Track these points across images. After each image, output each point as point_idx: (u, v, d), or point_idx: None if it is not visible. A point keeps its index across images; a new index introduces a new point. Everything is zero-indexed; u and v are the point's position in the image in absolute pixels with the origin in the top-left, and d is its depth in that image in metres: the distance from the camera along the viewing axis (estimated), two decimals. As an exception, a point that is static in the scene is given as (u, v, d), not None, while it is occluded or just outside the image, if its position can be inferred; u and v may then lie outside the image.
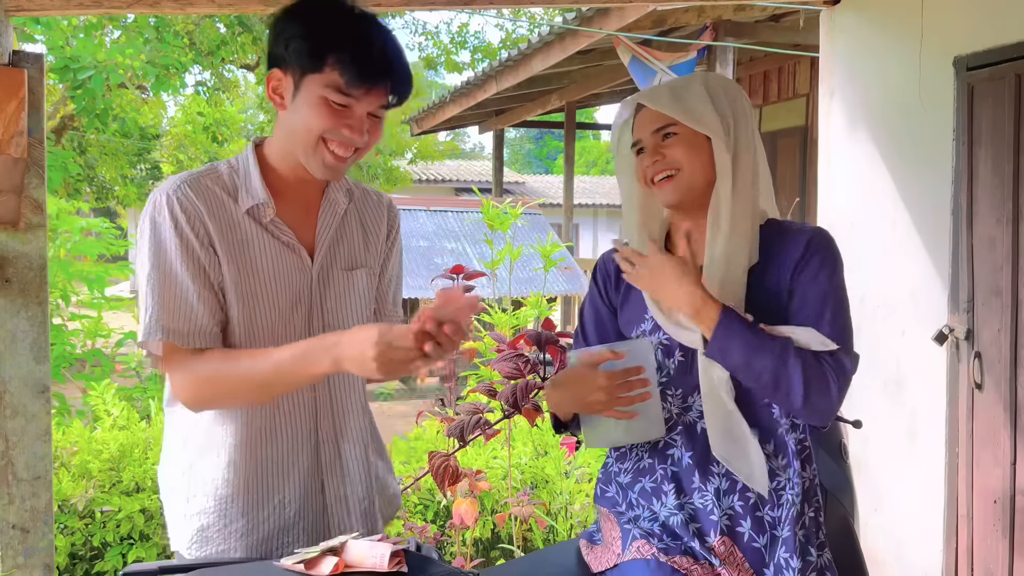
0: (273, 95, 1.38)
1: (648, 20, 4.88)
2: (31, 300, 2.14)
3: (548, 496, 3.45)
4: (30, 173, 2.12)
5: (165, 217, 1.35)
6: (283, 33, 1.35)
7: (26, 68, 2.10)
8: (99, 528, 3.11)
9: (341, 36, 1.31)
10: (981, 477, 2.64)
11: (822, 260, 1.41)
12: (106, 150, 10.94)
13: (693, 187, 1.42)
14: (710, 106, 1.41)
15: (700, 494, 1.39)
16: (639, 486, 1.44)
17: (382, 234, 1.55)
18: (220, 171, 1.42)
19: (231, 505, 1.41)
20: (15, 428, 2.14)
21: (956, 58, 2.68)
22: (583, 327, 1.59)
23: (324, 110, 1.33)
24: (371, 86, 1.32)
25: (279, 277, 1.40)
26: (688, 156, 1.41)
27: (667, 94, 1.42)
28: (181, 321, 1.33)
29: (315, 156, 1.36)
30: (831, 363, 1.35)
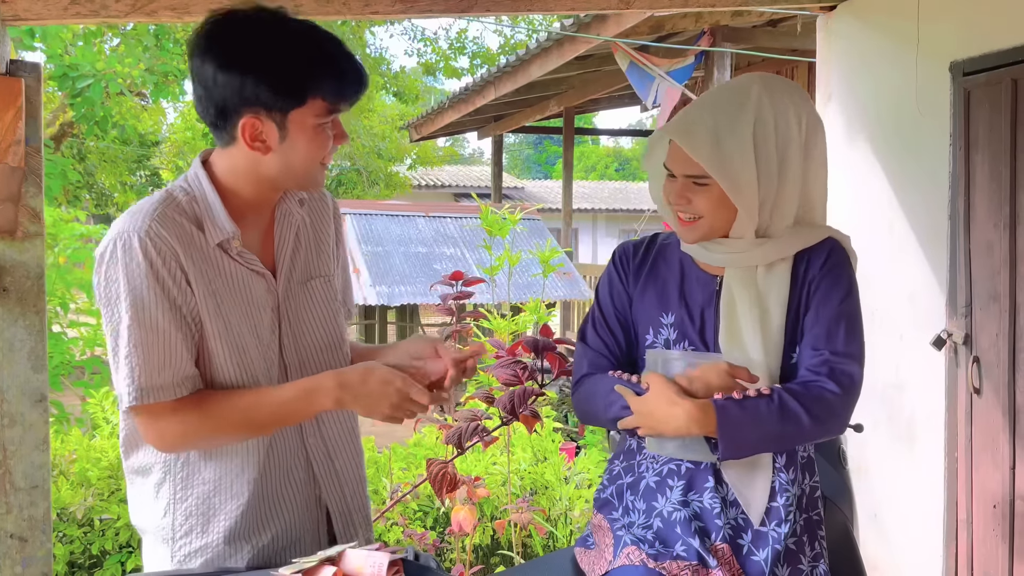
0: (254, 144, 1.29)
1: (646, 26, 4.89)
2: (29, 309, 2.14)
3: (547, 502, 3.45)
4: (27, 182, 2.12)
5: (139, 262, 1.26)
6: (246, 80, 1.24)
7: (23, 77, 2.10)
8: (98, 536, 3.10)
9: (312, 63, 1.26)
10: (980, 482, 2.63)
11: (840, 272, 1.40)
12: (105, 157, 10.96)
13: (716, 232, 1.40)
14: (751, 157, 1.33)
15: (712, 495, 1.38)
16: (643, 483, 1.43)
17: (331, 238, 1.53)
18: (178, 199, 1.33)
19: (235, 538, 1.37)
20: (13, 437, 2.14)
21: (952, 63, 2.69)
22: (602, 313, 1.52)
23: (321, 137, 1.31)
24: (352, 93, 1.32)
25: (252, 303, 1.37)
26: (715, 208, 1.37)
27: (708, 138, 1.34)
28: (168, 375, 1.28)
29: (311, 179, 1.36)
30: (830, 379, 1.33)
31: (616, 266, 1.53)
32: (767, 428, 1.30)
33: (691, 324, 1.44)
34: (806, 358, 1.38)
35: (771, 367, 1.38)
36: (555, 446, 3.82)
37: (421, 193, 17.95)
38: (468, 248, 7.71)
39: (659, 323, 1.46)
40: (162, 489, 1.38)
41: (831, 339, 1.36)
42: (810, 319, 1.38)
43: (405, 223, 7.94)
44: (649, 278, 1.49)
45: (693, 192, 1.38)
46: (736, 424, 1.29)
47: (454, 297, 2.75)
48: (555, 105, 8.22)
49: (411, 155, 16.22)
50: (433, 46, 15.86)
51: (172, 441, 1.33)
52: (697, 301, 1.45)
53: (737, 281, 1.41)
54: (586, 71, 6.96)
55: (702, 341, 1.43)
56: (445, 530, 3.23)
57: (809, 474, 1.45)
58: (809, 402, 1.31)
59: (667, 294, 1.47)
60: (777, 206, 1.38)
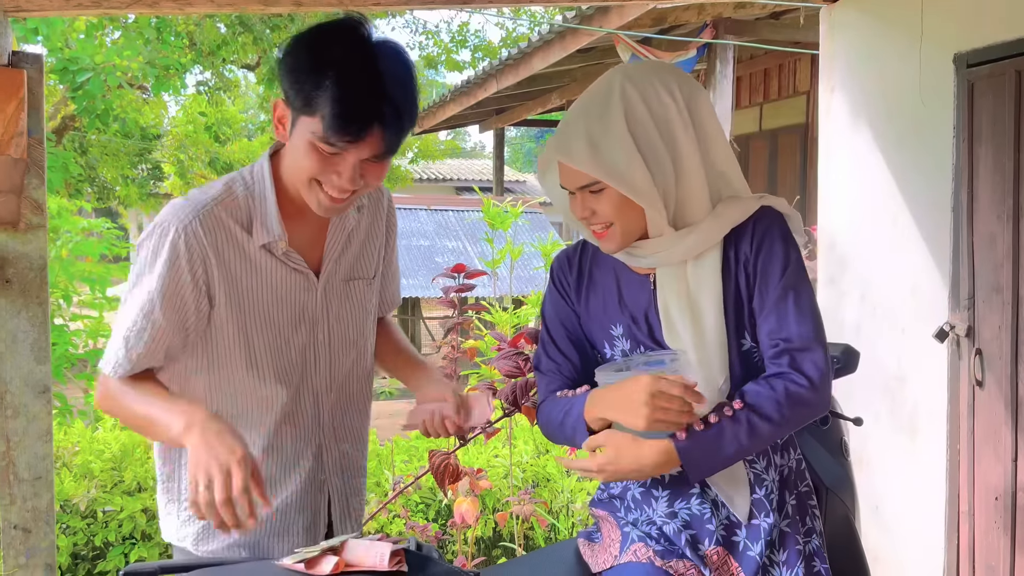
0: (277, 124, 1.35)
1: (648, 18, 4.87)
2: (31, 300, 2.14)
3: (549, 495, 3.45)
4: (30, 174, 2.12)
5: (167, 250, 1.33)
6: (282, 65, 1.30)
7: (25, 68, 2.10)
8: (101, 528, 3.11)
9: (326, 81, 1.24)
10: (982, 474, 2.63)
11: (771, 245, 1.31)
12: (107, 150, 10.95)
13: (632, 234, 1.33)
14: (632, 149, 1.27)
15: (700, 501, 1.35)
16: (629, 494, 1.41)
17: (382, 234, 1.56)
18: (236, 194, 1.38)
19: None
20: (16, 428, 2.14)
21: (956, 55, 2.68)
22: (551, 336, 1.46)
23: (313, 155, 1.29)
24: (355, 138, 1.26)
25: (284, 300, 1.41)
26: (620, 210, 1.30)
27: (584, 146, 1.28)
28: (137, 361, 1.36)
29: (310, 195, 1.34)
30: (794, 371, 1.28)
31: (556, 284, 1.47)
32: (735, 448, 1.26)
33: (639, 330, 1.38)
34: (764, 348, 1.32)
35: (718, 362, 1.32)
36: (557, 439, 3.82)
37: (422, 187, 17.94)
38: (470, 241, 7.71)
39: (610, 335, 1.41)
40: (169, 453, 1.46)
41: (782, 324, 1.29)
42: (756, 304, 1.32)
43: (407, 216, 7.94)
44: (589, 290, 1.44)
45: (593, 202, 1.31)
46: (701, 456, 1.26)
47: (456, 290, 2.75)
48: (557, 98, 8.20)
49: (412, 149, 16.20)
50: (435, 39, 15.82)
51: (104, 403, 1.40)
52: (639, 305, 1.38)
53: (667, 280, 1.35)
54: (588, 64, 6.94)
55: (655, 344, 1.37)
56: (447, 522, 3.24)
57: (789, 451, 1.41)
58: (778, 405, 1.26)
59: (608, 304, 1.41)
60: (684, 192, 1.31)
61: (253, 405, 1.43)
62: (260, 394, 1.42)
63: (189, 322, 1.36)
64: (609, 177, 1.27)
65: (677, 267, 1.34)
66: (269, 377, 1.42)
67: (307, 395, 1.46)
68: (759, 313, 1.32)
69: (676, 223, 1.32)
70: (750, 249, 1.31)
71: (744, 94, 7.37)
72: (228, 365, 1.40)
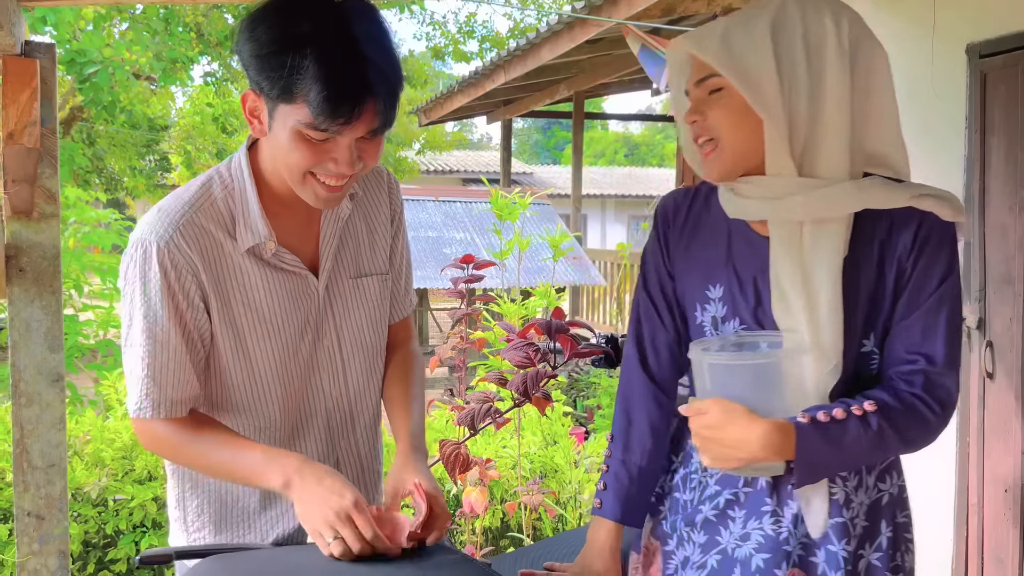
0: (251, 118, 1.20)
1: (657, 9, 4.86)
2: (45, 289, 2.15)
3: (557, 485, 3.46)
4: (43, 163, 2.13)
5: (155, 272, 1.22)
6: (243, 52, 1.16)
7: (38, 58, 2.11)
8: (112, 516, 3.14)
9: (306, 65, 1.09)
10: (992, 466, 2.63)
11: (936, 250, 1.14)
12: (115, 141, 10.99)
13: (741, 159, 1.15)
14: (768, 52, 1.09)
15: (775, 519, 1.18)
16: (700, 516, 1.24)
17: (387, 220, 1.42)
18: (214, 196, 1.26)
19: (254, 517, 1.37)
20: (30, 416, 2.15)
21: (969, 45, 2.66)
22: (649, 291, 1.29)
23: (302, 145, 1.15)
24: (348, 118, 1.12)
25: (283, 308, 1.30)
26: (733, 122, 1.13)
27: (719, 39, 1.11)
28: (173, 392, 1.25)
29: (305, 190, 1.20)
30: (931, 400, 1.12)
31: (658, 231, 1.29)
32: (856, 452, 1.10)
33: (742, 297, 1.19)
34: (895, 360, 1.15)
35: (831, 349, 1.12)
36: (565, 430, 3.83)
37: (429, 178, 17.94)
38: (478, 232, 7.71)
39: (705, 296, 1.23)
40: (177, 476, 1.38)
41: (927, 340, 1.13)
42: (901, 309, 1.14)
43: (415, 207, 7.94)
44: (692, 238, 1.25)
45: (707, 104, 1.14)
46: (818, 449, 1.08)
47: (465, 281, 2.75)
48: (565, 89, 8.18)
49: (419, 140, 16.19)
50: (442, 30, 15.79)
51: (144, 442, 1.32)
52: (748, 268, 1.19)
53: (780, 240, 1.14)
54: (596, 55, 6.92)
55: (755, 319, 1.19)
56: (456, 512, 3.25)
57: (892, 476, 1.25)
58: (905, 425, 1.10)
59: (712, 259, 1.22)
60: (817, 133, 1.11)
61: (258, 422, 1.34)
62: (265, 411, 1.33)
63: (197, 341, 1.27)
64: (731, 70, 1.09)
65: (791, 229, 1.14)
66: (273, 393, 1.32)
67: (318, 407, 1.37)
68: (900, 320, 1.15)
69: (801, 169, 1.13)
70: (911, 245, 1.14)
71: (753, 85, 7.33)
72: (230, 385, 1.31)
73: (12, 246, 2.13)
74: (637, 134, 34.49)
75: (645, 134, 34.07)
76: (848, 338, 1.14)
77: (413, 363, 1.49)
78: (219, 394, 1.32)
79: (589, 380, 6.56)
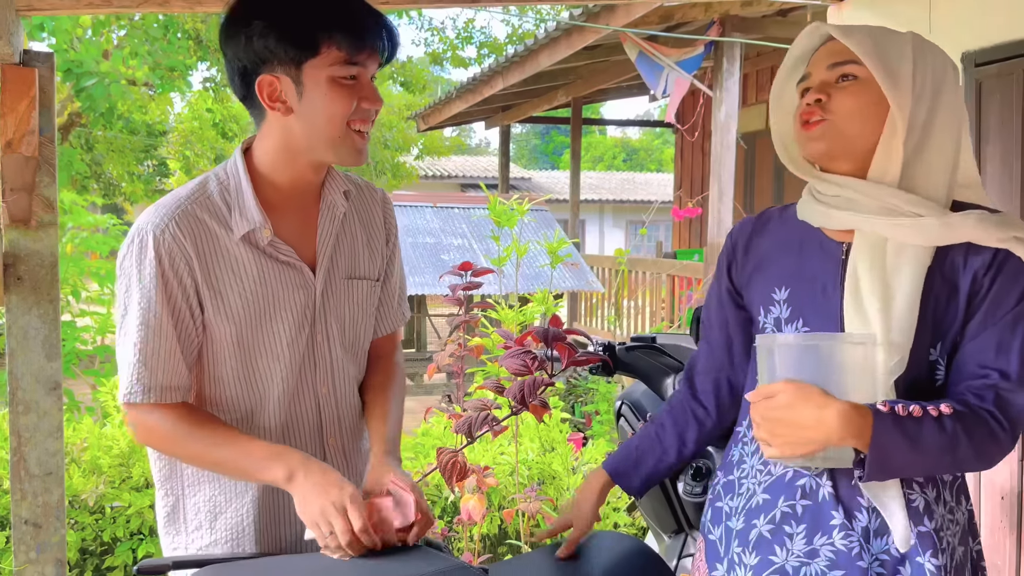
0: (273, 103, 1.25)
1: (655, 16, 4.88)
2: (43, 297, 2.15)
3: (555, 492, 3.47)
4: (41, 171, 2.14)
5: (151, 259, 1.25)
6: (254, 35, 1.22)
7: (37, 67, 2.11)
8: (109, 523, 3.13)
9: (320, 8, 1.22)
10: (988, 474, 2.64)
11: (1015, 270, 1.13)
12: (113, 147, 10.99)
13: (847, 143, 1.16)
14: (909, 66, 1.14)
15: (844, 533, 1.12)
16: (754, 531, 1.18)
17: (382, 236, 1.47)
18: (210, 191, 1.31)
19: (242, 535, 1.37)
20: (27, 424, 2.16)
21: (964, 54, 2.68)
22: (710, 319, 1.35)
23: (341, 91, 1.24)
24: (372, 45, 1.25)
25: (280, 300, 1.32)
26: (854, 110, 1.15)
27: (866, 33, 1.16)
28: (164, 377, 1.28)
29: (345, 145, 1.27)
30: (1002, 415, 1.10)
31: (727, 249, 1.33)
32: (926, 455, 1.06)
33: (808, 299, 1.20)
34: (967, 374, 1.13)
35: (900, 352, 1.11)
36: (563, 436, 3.84)
37: (428, 183, 17.97)
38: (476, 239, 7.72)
39: (771, 299, 1.23)
40: (171, 485, 1.38)
41: (1002, 355, 1.11)
42: (976, 323, 1.13)
43: (413, 213, 7.95)
44: (761, 245, 1.28)
45: (834, 88, 1.16)
46: (893, 443, 1.04)
47: (463, 288, 2.76)
48: (563, 95, 8.21)
49: (418, 145, 16.21)
50: (440, 35, 15.82)
51: (140, 436, 1.33)
52: (817, 273, 1.20)
53: (865, 248, 1.15)
54: (594, 61, 6.94)
55: (820, 321, 1.18)
56: (453, 519, 3.25)
57: (963, 500, 1.21)
58: (979, 436, 1.08)
59: (781, 263, 1.24)
60: (928, 141, 1.15)
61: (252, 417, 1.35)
62: (260, 405, 1.35)
63: (190, 330, 1.29)
64: (876, 59, 1.13)
65: (877, 241, 1.15)
66: (269, 387, 1.34)
67: (309, 403, 1.39)
68: (974, 335, 1.14)
69: (902, 179, 1.15)
70: (990, 262, 1.13)
71: (751, 91, 7.37)
72: (225, 377, 1.33)
73: (10, 254, 2.14)
74: (636, 139, 34.54)
75: (644, 139, 34.12)
76: (917, 341, 1.13)
77: (395, 374, 1.53)
78: (213, 388, 1.34)
79: (588, 386, 6.56)
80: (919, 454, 1.06)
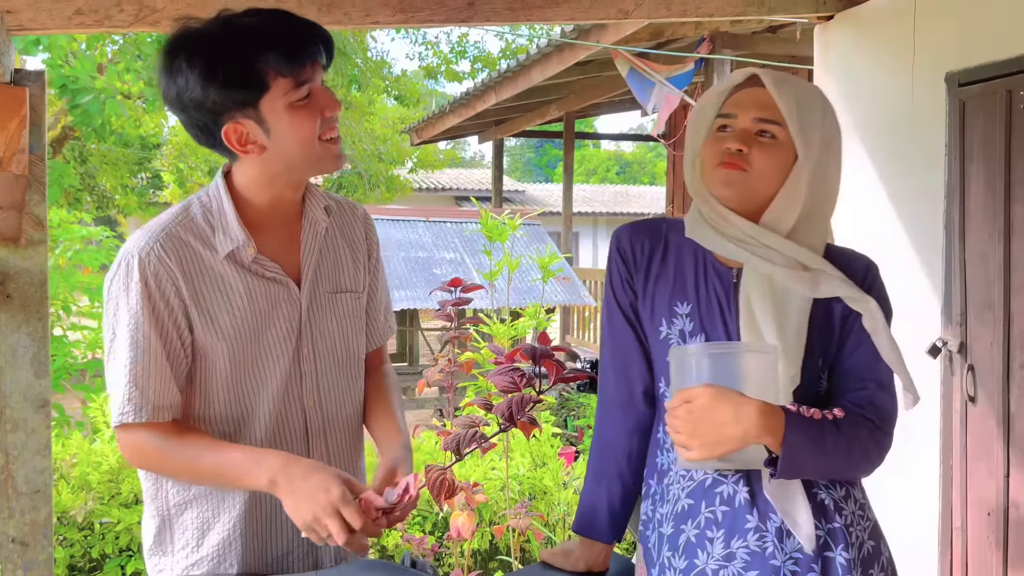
0: (246, 147, 1.28)
1: (646, 32, 4.92)
2: (32, 315, 2.16)
3: (546, 507, 3.47)
4: (31, 190, 2.15)
5: (137, 282, 1.27)
6: (208, 89, 1.23)
7: (28, 86, 2.13)
8: (98, 540, 3.12)
9: (258, 47, 1.22)
10: (974, 489, 2.65)
11: (879, 291, 1.33)
12: (107, 159, 10.99)
13: (757, 192, 1.27)
14: (819, 124, 1.27)
15: (759, 535, 1.18)
16: (682, 537, 1.24)
17: (364, 252, 1.50)
18: (194, 215, 1.34)
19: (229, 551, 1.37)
20: (15, 442, 2.16)
21: (948, 74, 2.71)
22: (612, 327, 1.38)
23: (302, 114, 1.26)
24: (312, 59, 1.26)
25: (266, 316, 1.35)
26: (769, 168, 1.25)
27: (792, 93, 1.25)
28: (155, 397, 1.29)
29: (323, 158, 1.31)
30: (879, 420, 1.23)
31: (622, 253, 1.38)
32: (828, 455, 1.16)
33: (708, 314, 1.29)
34: (848, 387, 1.26)
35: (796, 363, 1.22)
36: (554, 451, 3.84)
37: (422, 196, 17.99)
38: (468, 253, 7.73)
39: (674, 311, 1.31)
40: (158, 506, 1.39)
41: (874, 368, 1.26)
42: (851, 344, 1.28)
43: (405, 227, 7.96)
44: (663, 260, 1.35)
45: (755, 143, 1.25)
46: (802, 442, 1.13)
47: (453, 303, 2.77)
48: (556, 110, 8.25)
49: (412, 158, 16.24)
50: (434, 50, 15.88)
51: (129, 456, 1.33)
52: (712, 293, 1.30)
53: (754, 279, 1.27)
54: (586, 76, 6.98)
55: (721, 336, 1.28)
56: (444, 535, 3.25)
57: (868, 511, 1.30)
58: (864, 439, 1.20)
59: (681, 281, 1.32)
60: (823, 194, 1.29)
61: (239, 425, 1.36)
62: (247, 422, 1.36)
63: (178, 351, 1.30)
64: (799, 127, 1.24)
65: (764, 275, 1.26)
66: (257, 403, 1.35)
67: (296, 418, 1.39)
68: (850, 352, 1.28)
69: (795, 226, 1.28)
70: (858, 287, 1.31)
71: (741, 107, 7.39)
72: (213, 394, 1.34)
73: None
74: (629, 152, 34.67)
75: (637, 152, 34.25)
76: (806, 358, 1.25)
77: (388, 382, 1.58)
78: (203, 406, 1.34)
79: (579, 400, 6.57)
80: (822, 455, 1.15)
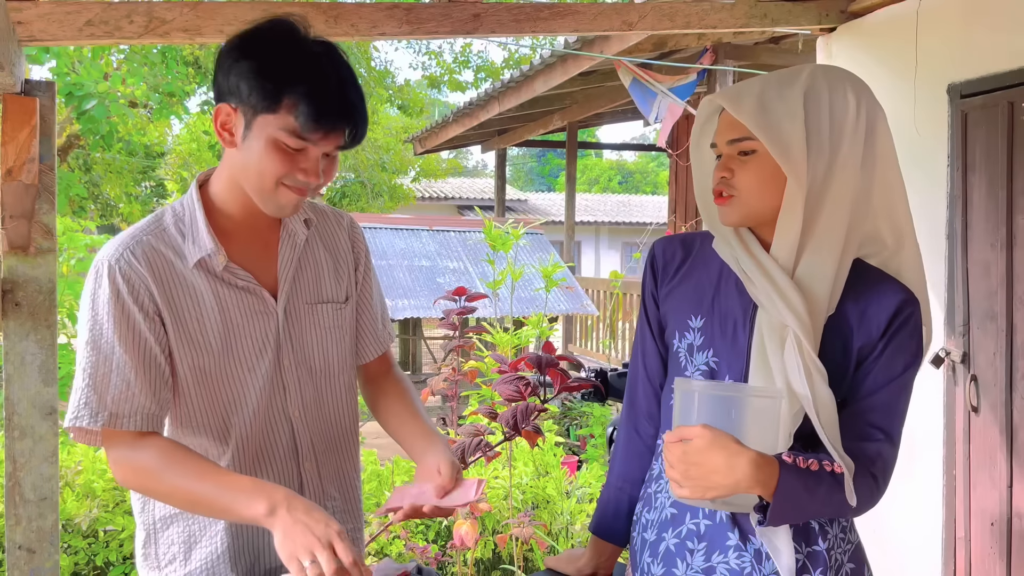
0: (221, 131, 1.28)
1: (649, 43, 4.94)
2: (40, 323, 2.17)
3: (549, 516, 3.47)
4: (40, 199, 2.16)
5: (105, 288, 1.26)
6: (234, 68, 1.25)
7: (38, 96, 2.15)
8: (102, 547, 3.13)
9: (297, 76, 1.22)
10: (978, 499, 2.65)
11: (911, 334, 1.20)
12: (111, 168, 11.04)
13: (756, 213, 1.22)
14: (800, 122, 1.17)
15: (738, 554, 1.20)
16: (663, 544, 1.26)
17: (350, 261, 1.48)
18: (165, 223, 1.33)
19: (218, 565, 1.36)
20: (23, 450, 2.17)
21: (950, 85, 2.73)
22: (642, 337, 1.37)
23: (278, 154, 1.24)
24: (329, 130, 1.24)
25: (240, 327, 1.34)
26: (757, 184, 1.20)
27: (754, 99, 1.19)
28: (113, 403, 1.26)
29: (270, 199, 1.28)
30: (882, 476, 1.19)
31: (654, 266, 1.36)
32: (819, 505, 1.13)
33: (719, 333, 1.26)
34: (857, 431, 1.19)
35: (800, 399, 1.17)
36: (557, 460, 3.84)
37: (425, 205, 18.02)
38: (471, 262, 7.74)
39: (687, 325, 1.29)
40: (144, 516, 1.38)
41: (888, 418, 1.20)
42: (869, 383, 1.20)
43: (409, 237, 7.98)
44: (686, 272, 1.33)
45: (737, 164, 1.21)
46: (795, 494, 1.10)
47: (457, 312, 2.78)
48: (558, 119, 8.27)
49: (415, 167, 16.29)
50: (438, 59, 15.96)
51: (120, 476, 1.31)
52: (729, 310, 1.26)
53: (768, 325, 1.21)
54: (589, 86, 7.01)
55: (729, 353, 1.25)
56: (447, 544, 3.25)
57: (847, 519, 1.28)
58: (864, 494, 1.16)
59: (699, 293, 1.30)
60: (827, 194, 1.18)
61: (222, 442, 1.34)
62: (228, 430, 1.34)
63: (156, 356, 1.28)
64: (768, 136, 1.16)
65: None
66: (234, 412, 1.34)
67: (283, 429, 1.38)
68: (866, 393, 1.20)
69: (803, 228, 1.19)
70: (884, 325, 1.20)
71: (744, 117, 7.41)
72: (190, 403, 1.33)
73: (8, 281, 2.16)
74: (631, 162, 34.71)
75: (639, 162, 34.30)
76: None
77: (400, 384, 1.56)
78: (185, 415, 1.33)
79: (582, 409, 6.56)
80: (813, 504, 1.13)
